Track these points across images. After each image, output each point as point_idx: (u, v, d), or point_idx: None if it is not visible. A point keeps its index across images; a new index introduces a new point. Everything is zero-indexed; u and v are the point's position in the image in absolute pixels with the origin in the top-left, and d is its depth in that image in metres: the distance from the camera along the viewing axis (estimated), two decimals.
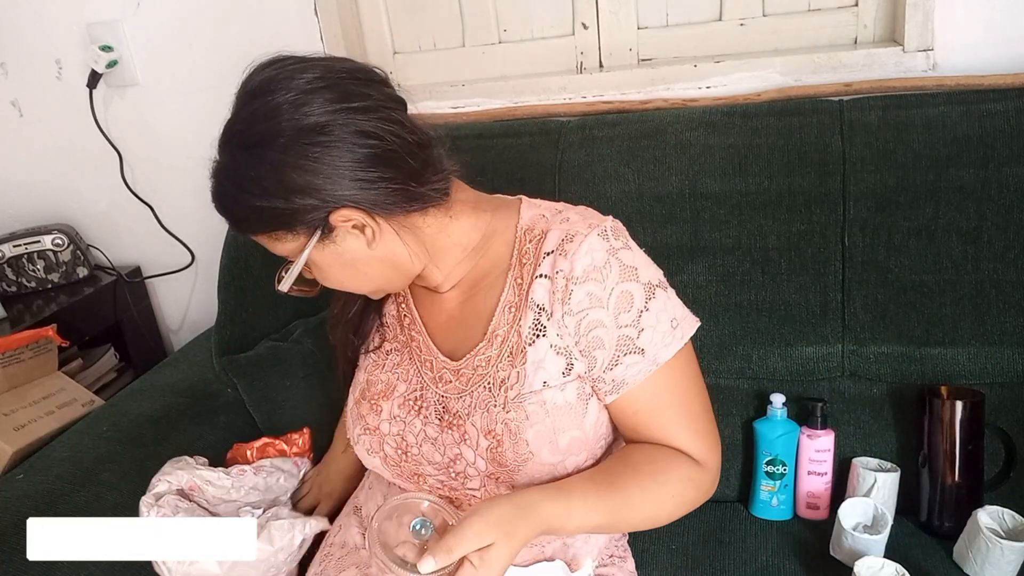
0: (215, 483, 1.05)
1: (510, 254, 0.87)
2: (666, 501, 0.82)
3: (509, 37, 1.53)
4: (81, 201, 1.75)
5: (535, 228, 0.87)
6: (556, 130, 1.32)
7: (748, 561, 1.08)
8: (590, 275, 0.80)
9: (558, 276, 0.81)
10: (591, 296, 0.81)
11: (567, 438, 0.83)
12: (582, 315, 0.81)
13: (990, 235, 1.12)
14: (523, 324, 0.84)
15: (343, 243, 0.82)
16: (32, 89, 1.67)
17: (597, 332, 0.81)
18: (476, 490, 0.87)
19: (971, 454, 1.07)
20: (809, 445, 1.15)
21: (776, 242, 1.19)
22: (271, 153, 0.77)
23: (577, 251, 0.81)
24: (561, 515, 0.75)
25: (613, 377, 0.82)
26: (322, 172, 0.77)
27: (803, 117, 1.21)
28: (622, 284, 0.81)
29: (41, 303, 1.60)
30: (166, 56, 1.59)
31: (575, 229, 0.82)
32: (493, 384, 0.84)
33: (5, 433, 1.24)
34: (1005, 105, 1.14)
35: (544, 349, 0.83)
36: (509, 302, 0.85)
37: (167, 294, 1.82)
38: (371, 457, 0.93)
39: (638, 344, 0.81)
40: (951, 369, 1.14)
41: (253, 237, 0.85)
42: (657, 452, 0.84)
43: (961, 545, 1.02)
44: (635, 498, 0.79)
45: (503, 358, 0.84)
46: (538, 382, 0.82)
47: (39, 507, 1.04)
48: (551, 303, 0.82)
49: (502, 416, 0.82)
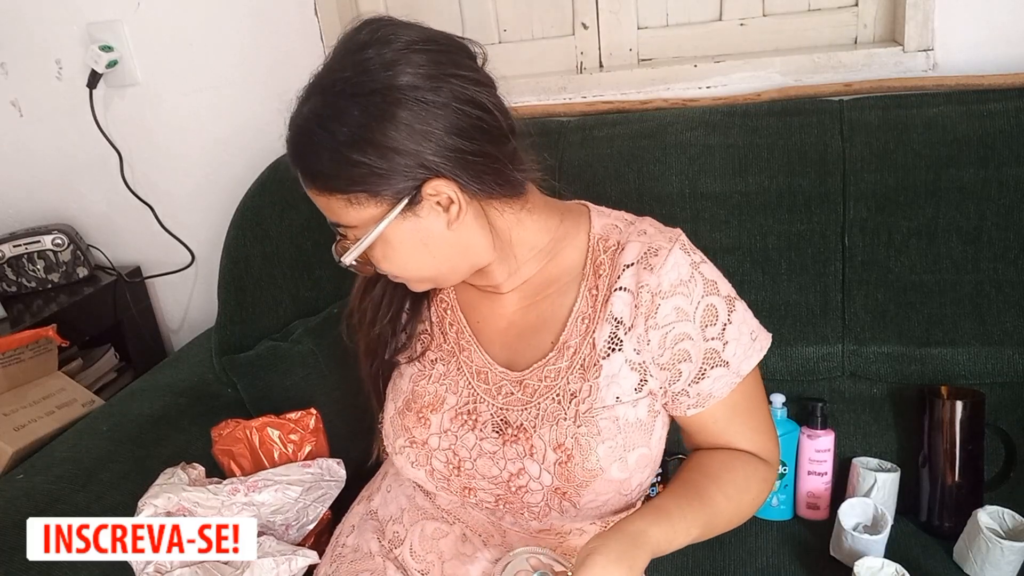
0: (203, 504, 1.02)
1: (583, 263, 0.85)
2: (748, 504, 0.83)
3: (509, 37, 1.54)
4: (81, 201, 1.75)
5: (609, 238, 0.86)
6: (556, 130, 1.32)
7: (748, 561, 1.08)
8: (677, 289, 0.80)
9: (643, 290, 0.80)
10: (678, 310, 0.80)
11: (635, 455, 0.82)
12: (668, 328, 0.80)
13: (990, 235, 1.12)
14: (598, 337, 0.82)
15: (425, 218, 0.77)
16: (32, 89, 1.67)
17: (684, 345, 0.81)
18: (536, 504, 0.84)
19: (971, 454, 1.08)
20: (809, 445, 1.15)
21: (776, 242, 1.19)
22: (379, 105, 0.72)
23: (663, 265, 0.80)
24: (668, 537, 0.74)
25: (699, 391, 0.82)
26: (426, 134, 0.73)
27: (803, 117, 1.21)
28: (707, 298, 0.81)
29: (41, 303, 1.60)
30: (166, 56, 1.59)
31: (657, 243, 0.82)
32: (563, 396, 0.82)
33: (5, 433, 1.24)
34: (1005, 105, 1.14)
35: (619, 363, 0.81)
36: (582, 312, 0.84)
37: (167, 294, 1.82)
38: (415, 470, 0.89)
39: (723, 357, 0.82)
40: (951, 369, 1.14)
41: (326, 196, 0.78)
42: (731, 458, 0.84)
43: (961, 545, 1.02)
44: (722, 506, 0.79)
45: (574, 370, 0.82)
46: (611, 397, 0.81)
47: (39, 507, 1.04)
48: (632, 317, 0.81)
49: (572, 430, 0.80)
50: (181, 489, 1.03)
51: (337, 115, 0.73)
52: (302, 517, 1.07)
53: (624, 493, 0.84)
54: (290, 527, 1.06)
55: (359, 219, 0.78)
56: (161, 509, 1.00)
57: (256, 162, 1.47)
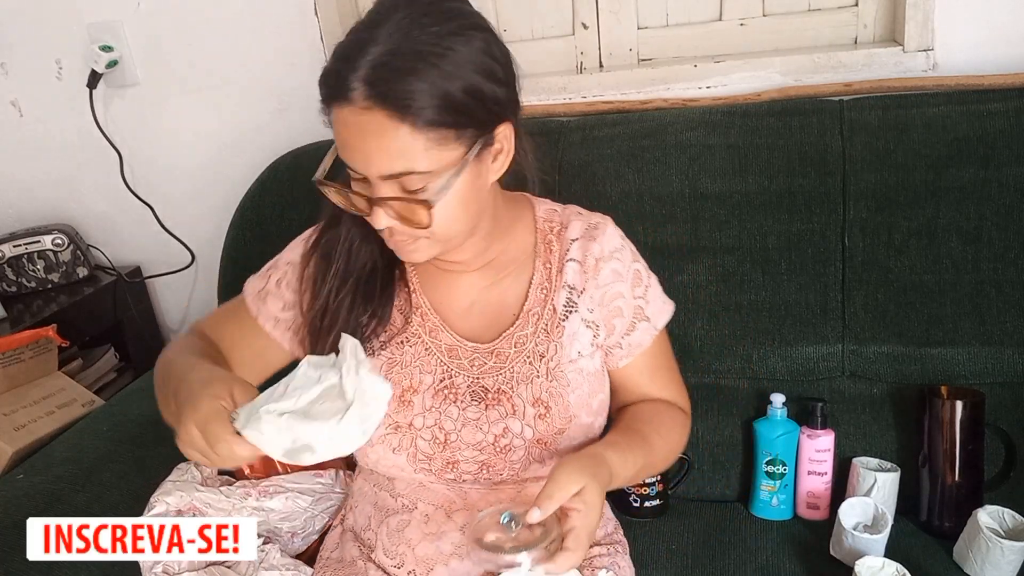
0: (214, 505, 1.02)
1: (534, 242, 0.94)
2: (675, 443, 0.95)
3: (509, 37, 1.53)
4: (81, 201, 1.75)
5: (553, 220, 0.95)
6: (556, 130, 1.32)
7: (748, 561, 1.08)
8: (614, 255, 0.92)
9: (588, 257, 0.91)
10: (615, 272, 0.92)
11: (597, 400, 0.93)
12: (607, 288, 0.92)
13: (990, 235, 1.12)
14: (557, 302, 0.91)
15: (483, 165, 0.78)
16: (32, 89, 1.67)
17: (618, 303, 0.92)
18: (518, 460, 0.90)
19: (971, 454, 1.08)
20: (809, 445, 1.15)
21: (776, 242, 1.19)
22: (476, 35, 0.73)
23: (603, 236, 0.92)
24: (620, 461, 0.81)
25: (630, 342, 0.93)
26: (508, 72, 0.77)
27: (803, 117, 1.21)
28: (635, 264, 0.95)
29: (41, 303, 1.60)
30: (166, 56, 1.59)
31: (595, 220, 0.94)
32: (533, 358, 0.90)
33: (5, 433, 1.24)
34: (1005, 105, 1.14)
35: (577, 323, 0.91)
36: (540, 283, 0.92)
37: (167, 294, 1.82)
38: (395, 455, 0.90)
39: (647, 313, 0.94)
40: (951, 369, 1.14)
41: (407, 135, 0.71)
42: (657, 405, 0.96)
43: (961, 545, 1.02)
44: (658, 445, 0.89)
45: (539, 334, 0.91)
46: (574, 352, 0.91)
47: (39, 507, 1.04)
48: (583, 282, 0.91)
49: (546, 385, 0.89)
50: (194, 488, 1.04)
51: (442, 38, 0.70)
52: (308, 526, 1.07)
53: (590, 436, 0.93)
54: (296, 535, 1.07)
55: (436, 162, 0.73)
56: (172, 507, 1.01)
57: (256, 162, 1.47)
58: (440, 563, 0.88)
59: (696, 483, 1.23)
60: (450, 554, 0.89)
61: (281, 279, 0.95)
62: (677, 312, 0.98)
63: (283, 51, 1.53)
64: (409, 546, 0.90)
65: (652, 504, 1.19)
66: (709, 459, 1.22)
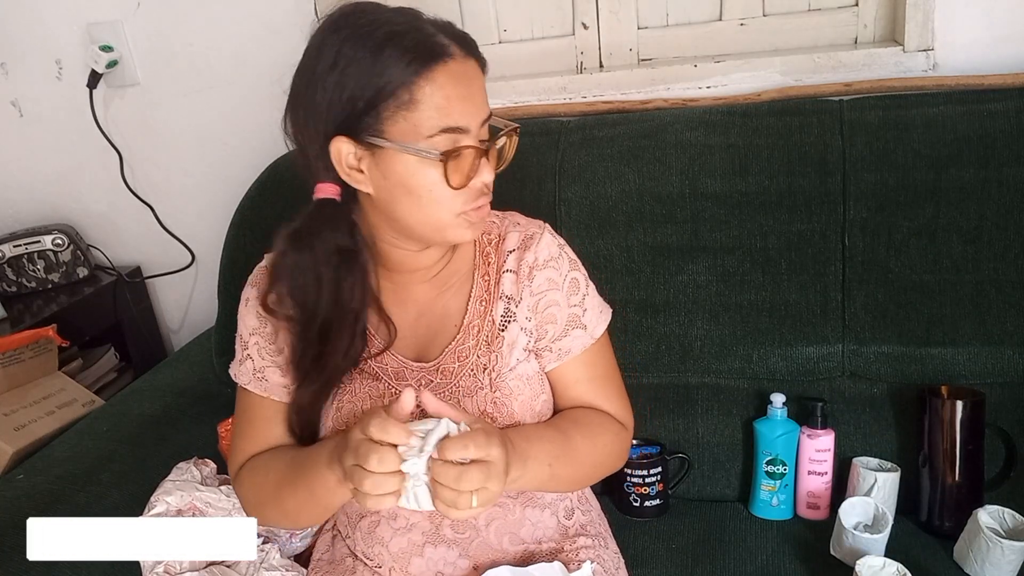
0: (214, 505, 1.03)
1: (473, 256, 0.96)
2: (601, 449, 0.94)
3: (509, 37, 1.54)
4: (81, 201, 1.75)
5: (491, 232, 0.97)
6: (556, 130, 1.32)
7: (748, 561, 1.08)
8: (548, 264, 0.94)
9: (522, 266, 0.93)
10: (549, 280, 0.94)
11: (540, 402, 0.95)
12: (541, 296, 0.94)
13: (990, 235, 1.12)
14: (495, 314, 0.93)
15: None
16: (32, 89, 1.67)
17: (552, 310, 0.94)
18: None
19: (971, 454, 1.08)
20: (809, 445, 1.15)
21: (776, 242, 1.19)
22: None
23: (538, 245, 0.94)
24: (524, 435, 0.84)
25: (560, 347, 0.95)
26: None
27: (803, 117, 1.21)
28: (572, 273, 0.96)
29: (41, 303, 1.60)
30: (166, 56, 1.59)
31: (531, 230, 0.96)
32: (476, 370, 0.92)
33: (5, 433, 1.24)
34: (1005, 105, 1.14)
35: (516, 332, 0.93)
36: (479, 296, 0.94)
37: (167, 294, 1.82)
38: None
39: (583, 321, 0.96)
40: (951, 369, 1.14)
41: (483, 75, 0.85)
42: (591, 411, 0.97)
43: (961, 544, 1.02)
44: (578, 442, 0.90)
45: (480, 346, 0.92)
46: (513, 360, 0.93)
47: (39, 507, 1.04)
48: (518, 291, 0.93)
49: (490, 396, 0.91)
50: (194, 488, 1.04)
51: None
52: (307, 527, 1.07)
53: None
54: (295, 535, 1.07)
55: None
56: (173, 506, 1.01)
57: (256, 162, 1.47)
58: (415, 555, 0.90)
59: (696, 483, 1.23)
60: (423, 544, 0.90)
61: (260, 349, 0.94)
62: (677, 312, 0.98)
63: (283, 51, 1.52)
64: (383, 545, 0.92)
65: (652, 504, 1.19)
66: (709, 459, 1.22)
